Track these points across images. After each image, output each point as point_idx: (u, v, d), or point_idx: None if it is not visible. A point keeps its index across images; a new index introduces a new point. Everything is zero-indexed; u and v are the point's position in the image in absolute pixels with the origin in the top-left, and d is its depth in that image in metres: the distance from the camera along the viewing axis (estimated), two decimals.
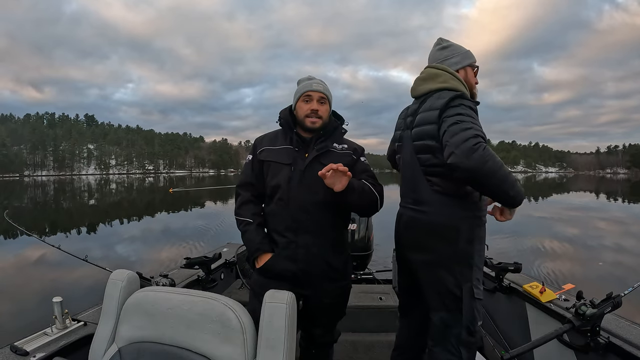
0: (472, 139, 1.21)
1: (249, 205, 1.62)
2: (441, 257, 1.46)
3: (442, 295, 1.47)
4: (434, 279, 1.49)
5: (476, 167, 1.19)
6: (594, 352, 1.60)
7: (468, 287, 1.43)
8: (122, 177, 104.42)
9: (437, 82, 1.51)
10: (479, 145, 1.20)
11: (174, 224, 12.58)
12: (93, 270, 2.45)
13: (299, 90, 1.60)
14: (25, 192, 35.51)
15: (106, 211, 18.32)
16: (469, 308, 1.43)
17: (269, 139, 1.65)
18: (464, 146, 1.21)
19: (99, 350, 1.17)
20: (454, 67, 1.57)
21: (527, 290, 2.17)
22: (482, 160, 1.19)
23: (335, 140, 1.62)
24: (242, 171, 1.70)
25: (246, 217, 1.59)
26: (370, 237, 3.72)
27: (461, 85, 1.50)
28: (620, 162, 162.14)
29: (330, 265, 1.56)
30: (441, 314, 1.49)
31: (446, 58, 1.59)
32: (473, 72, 1.62)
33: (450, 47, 1.61)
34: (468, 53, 1.61)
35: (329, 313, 1.67)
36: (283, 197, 1.53)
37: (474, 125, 1.28)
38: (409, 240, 1.59)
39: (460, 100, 1.39)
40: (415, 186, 1.55)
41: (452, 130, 1.28)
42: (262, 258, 1.55)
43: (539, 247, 8.63)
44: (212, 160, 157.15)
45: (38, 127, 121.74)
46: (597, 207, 20.25)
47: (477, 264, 1.45)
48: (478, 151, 1.19)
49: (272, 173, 1.57)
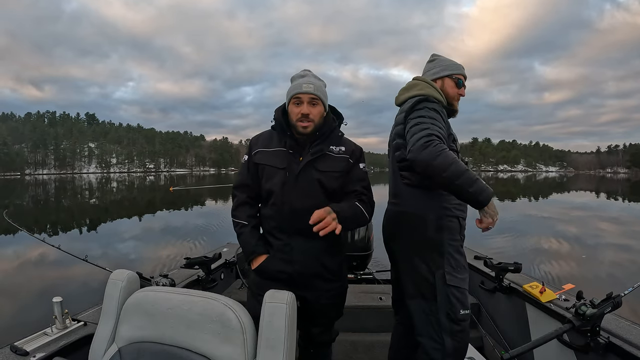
0: (425, 138, 1.33)
1: (244, 207, 1.62)
2: (413, 245, 1.58)
3: (417, 283, 1.57)
4: (409, 268, 1.59)
5: (427, 161, 1.30)
6: (594, 352, 1.60)
7: (440, 274, 1.51)
8: (123, 175, 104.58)
9: (414, 90, 1.65)
10: (430, 142, 1.32)
11: (174, 223, 12.57)
12: (93, 270, 2.45)
13: (289, 92, 1.54)
14: (26, 190, 35.54)
15: (106, 210, 18.32)
16: (444, 295, 1.50)
17: (264, 140, 1.62)
18: (418, 143, 1.34)
19: (99, 350, 1.17)
20: (431, 76, 1.73)
21: (527, 290, 2.16)
22: (432, 155, 1.29)
23: (332, 142, 1.58)
24: (238, 171, 1.69)
25: (241, 220, 1.59)
26: (370, 237, 3.72)
27: (436, 93, 1.62)
28: (621, 161, 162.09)
29: (325, 266, 1.55)
30: (418, 301, 1.57)
31: (429, 70, 1.77)
32: (453, 82, 1.71)
33: (435, 61, 1.77)
34: (450, 65, 1.72)
35: (326, 313, 1.67)
36: (276, 202, 1.52)
37: (432, 125, 1.40)
38: (387, 231, 1.74)
39: (425, 103, 1.52)
40: (393, 182, 1.72)
41: (412, 131, 1.41)
42: (258, 260, 1.55)
43: (539, 247, 8.63)
44: (212, 158, 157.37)
45: (39, 125, 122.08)
46: (597, 206, 20.23)
47: (449, 251, 1.52)
48: (429, 147, 1.30)
49: (266, 176, 1.56)
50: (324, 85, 1.58)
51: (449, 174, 1.29)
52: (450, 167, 1.28)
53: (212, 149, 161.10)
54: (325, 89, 1.58)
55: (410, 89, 1.68)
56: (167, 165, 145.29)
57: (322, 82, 1.57)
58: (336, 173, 1.55)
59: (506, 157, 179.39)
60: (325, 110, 1.59)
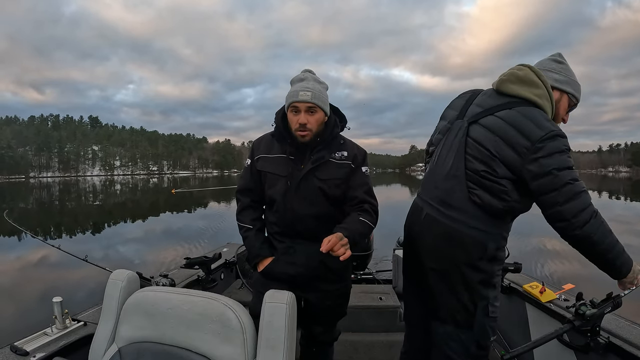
0: (589, 207, 1.20)
1: (248, 211, 1.63)
2: (459, 270, 1.35)
3: (452, 309, 1.39)
4: (447, 291, 1.39)
5: (589, 238, 1.19)
6: (594, 352, 1.59)
7: (483, 305, 1.36)
8: (127, 178, 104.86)
9: (530, 92, 1.32)
10: (594, 214, 1.20)
11: (176, 224, 12.60)
12: (93, 271, 2.45)
13: (287, 98, 1.49)
14: (30, 193, 35.66)
15: (109, 212, 18.36)
16: (481, 325, 1.37)
17: (266, 145, 1.60)
18: (581, 217, 1.19)
19: (99, 350, 1.18)
20: (552, 82, 1.39)
21: (527, 290, 2.16)
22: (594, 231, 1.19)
23: (334, 148, 1.54)
24: (241, 175, 1.69)
25: (246, 224, 1.61)
26: (370, 237, 3.71)
27: (550, 110, 1.34)
28: (622, 160, 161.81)
29: (329, 268, 1.55)
30: (448, 327, 1.42)
31: (552, 70, 1.43)
32: (567, 104, 1.45)
33: (563, 64, 1.46)
34: (575, 84, 1.44)
35: (330, 313, 1.68)
36: (279, 209, 1.54)
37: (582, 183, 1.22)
38: (426, 243, 1.44)
39: (563, 142, 1.23)
40: (449, 187, 1.38)
41: (565, 194, 1.20)
42: (263, 263, 1.57)
43: (539, 247, 8.62)
44: (215, 160, 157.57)
45: (43, 128, 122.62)
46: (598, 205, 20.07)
47: (495, 282, 1.39)
48: (592, 219, 1.19)
49: (268, 184, 1.56)
50: (324, 88, 1.52)
51: (603, 246, 1.21)
52: (606, 239, 1.20)
53: (215, 151, 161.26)
54: (325, 93, 1.52)
55: (527, 85, 1.33)
56: (171, 168, 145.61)
57: (322, 86, 1.51)
58: (338, 180, 1.52)
59: None
60: (327, 116, 1.53)
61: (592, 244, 1.20)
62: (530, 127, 1.24)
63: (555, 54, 1.49)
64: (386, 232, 5.33)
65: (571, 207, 1.19)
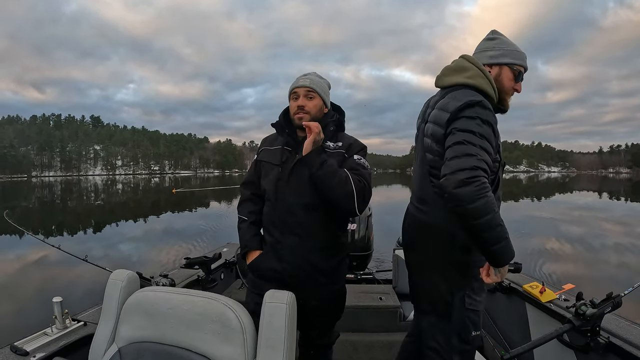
0: (469, 172, 1.12)
1: (247, 203, 1.66)
2: (434, 261, 1.40)
3: (433, 300, 1.42)
4: (426, 282, 1.45)
5: (461, 201, 1.11)
6: (594, 352, 1.59)
7: (460, 296, 1.36)
8: (129, 177, 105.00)
9: (463, 77, 1.37)
10: (473, 180, 1.11)
11: (176, 224, 12.60)
12: (93, 270, 2.45)
13: (290, 89, 1.59)
14: (32, 192, 35.70)
15: (110, 211, 18.38)
16: (459, 317, 1.37)
17: (270, 140, 1.67)
18: (457, 176, 1.13)
19: (99, 350, 1.18)
20: (487, 60, 1.42)
21: (527, 290, 2.16)
22: (470, 197, 1.10)
23: (330, 137, 1.56)
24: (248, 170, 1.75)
25: (243, 215, 1.64)
26: (370, 237, 3.72)
27: (489, 87, 1.35)
28: (623, 161, 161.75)
29: (316, 267, 1.51)
30: (430, 317, 1.45)
31: (485, 50, 1.45)
32: (512, 74, 1.42)
33: (496, 40, 1.45)
34: (513, 52, 1.42)
35: (321, 316, 1.62)
36: (270, 198, 1.55)
37: (480, 151, 1.17)
38: (407, 239, 1.56)
39: (478, 110, 1.24)
40: (421, 183, 1.46)
41: (454, 150, 1.19)
42: (251, 255, 1.58)
43: (539, 247, 8.61)
44: (217, 160, 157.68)
45: (45, 128, 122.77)
46: (598, 206, 20.19)
47: (474, 274, 1.34)
48: (470, 186, 1.10)
49: (263, 173, 1.60)
50: (326, 84, 1.60)
51: (480, 222, 1.11)
52: (485, 217, 1.10)
53: (216, 151, 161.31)
54: (326, 87, 1.59)
55: (459, 72, 1.40)
56: (172, 167, 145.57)
57: (323, 81, 1.58)
58: None
59: (508, 158, 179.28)
60: (327, 107, 1.60)
61: (467, 214, 1.12)
62: (452, 104, 1.29)
63: (489, 32, 1.50)
64: (386, 232, 5.32)
65: (454, 163, 1.15)
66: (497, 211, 1.13)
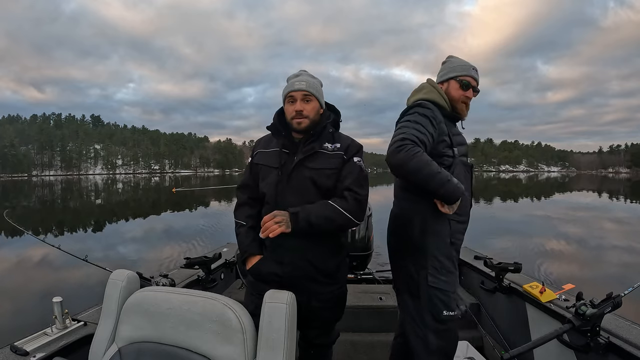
0: (399, 142, 1.38)
1: (244, 207, 1.64)
2: (402, 245, 1.66)
3: (405, 281, 1.64)
4: (400, 265, 1.68)
5: (399, 164, 1.38)
6: (594, 352, 1.59)
7: (424, 275, 1.56)
8: (129, 176, 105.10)
9: (420, 94, 1.67)
10: (403, 146, 1.37)
11: (176, 223, 12.60)
12: (93, 270, 2.46)
13: (284, 92, 1.56)
14: (33, 191, 35.74)
15: (111, 210, 18.38)
16: (426, 295, 1.56)
17: (265, 142, 1.64)
18: (392, 147, 1.40)
19: (99, 350, 1.18)
20: (439, 79, 1.73)
21: (527, 290, 2.16)
22: (404, 159, 1.36)
23: (326, 139, 1.55)
24: (243, 173, 1.73)
25: (240, 220, 1.62)
26: (370, 237, 3.72)
27: (438, 97, 1.63)
28: (622, 161, 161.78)
29: (317, 268, 1.51)
30: (406, 297, 1.65)
31: (440, 71, 1.76)
32: (457, 85, 1.67)
33: (446, 63, 1.75)
34: (457, 67, 1.69)
35: (321, 316, 1.62)
36: (270, 201, 1.53)
37: (412, 129, 1.44)
38: (387, 230, 1.80)
39: (416, 108, 1.56)
40: (395, 183, 1.79)
41: (393, 135, 1.48)
42: (251, 260, 1.56)
43: (539, 247, 8.62)
44: (217, 160, 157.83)
45: (45, 127, 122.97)
46: (597, 206, 20.19)
47: (433, 254, 1.56)
48: (402, 152, 1.36)
49: (261, 176, 1.58)
50: (319, 83, 1.58)
51: (420, 177, 1.38)
52: (422, 172, 1.36)
53: (217, 150, 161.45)
54: (320, 87, 1.57)
55: (417, 93, 1.70)
56: (172, 167, 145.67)
57: (316, 80, 1.56)
58: (329, 170, 1.51)
59: (508, 158, 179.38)
60: (322, 108, 1.58)
61: (407, 175, 1.41)
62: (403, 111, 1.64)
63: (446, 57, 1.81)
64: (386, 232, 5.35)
65: (392, 141, 1.43)
66: (431, 164, 1.37)
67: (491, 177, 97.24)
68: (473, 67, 1.69)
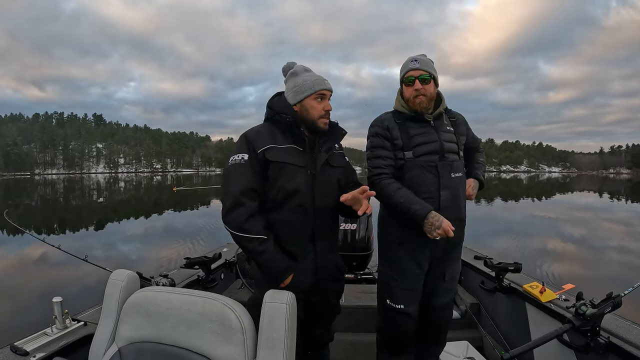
0: (372, 177, 1.65)
1: (257, 218, 1.39)
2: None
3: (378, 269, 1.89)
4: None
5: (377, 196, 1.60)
6: (594, 352, 1.59)
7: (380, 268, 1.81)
8: (131, 175, 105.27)
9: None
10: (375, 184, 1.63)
11: (176, 223, 12.60)
12: (93, 270, 2.45)
13: (310, 87, 1.44)
14: (35, 190, 35.82)
15: (112, 210, 18.39)
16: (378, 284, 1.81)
17: (267, 136, 1.45)
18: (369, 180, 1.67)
19: (99, 350, 1.18)
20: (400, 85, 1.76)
21: (527, 290, 2.16)
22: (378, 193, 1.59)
23: (337, 138, 1.56)
24: (235, 174, 1.40)
25: (259, 234, 1.36)
26: (370, 237, 3.72)
27: (397, 104, 1.72)
28: (623, 162, 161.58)
29: (338, 267, 1.57)
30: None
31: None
32: (404, 85, 1.68)
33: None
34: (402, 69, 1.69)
35: (331, 312, 1.68)
36: (302, 203, 1.41)
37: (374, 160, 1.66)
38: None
39: (370, 129, 1.73)
40: None
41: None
42: (290, 278, 1.40)
43: (539, 247, 8.62)
44: (218, 159, 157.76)
45: (47, 126, 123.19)
46: (597, 207, 20.18)
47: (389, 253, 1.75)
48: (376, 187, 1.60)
49: (286, 176, 1.40)
50: None
51: (389, 202, 1.61)
52: (390, 199, 1.59)
53: (218, 149, 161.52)
54: None
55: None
56: (174, 166, 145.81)
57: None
58: (342, 169, 1.59)
59: (509, 158, 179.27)
60: None
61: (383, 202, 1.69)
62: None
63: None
64: None
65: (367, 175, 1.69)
66: (393, 195, 1.57)
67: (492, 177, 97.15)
68: (412, 60, 1.64)
